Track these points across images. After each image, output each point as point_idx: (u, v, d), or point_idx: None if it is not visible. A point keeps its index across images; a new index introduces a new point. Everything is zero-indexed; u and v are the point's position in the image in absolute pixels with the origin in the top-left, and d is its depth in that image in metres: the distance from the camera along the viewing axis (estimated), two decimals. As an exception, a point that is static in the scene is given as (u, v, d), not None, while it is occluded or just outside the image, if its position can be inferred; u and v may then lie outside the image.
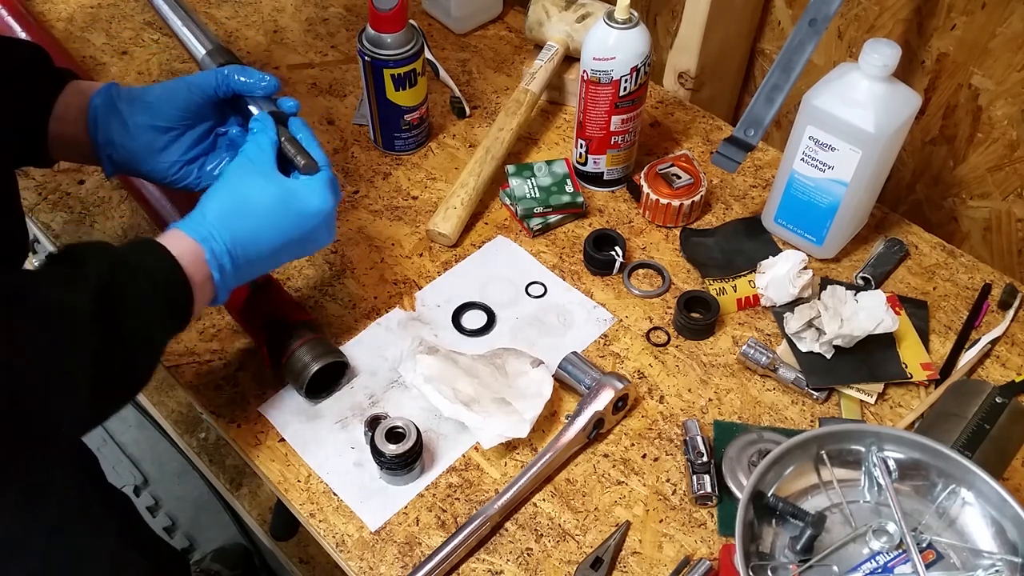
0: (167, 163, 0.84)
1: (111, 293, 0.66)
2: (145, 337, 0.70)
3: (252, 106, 0.85)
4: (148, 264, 0.71)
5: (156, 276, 0.71)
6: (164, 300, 0.71)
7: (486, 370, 0.87)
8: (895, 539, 0.73)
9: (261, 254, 0.77)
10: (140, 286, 0.69)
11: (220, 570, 1.49)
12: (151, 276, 0.70)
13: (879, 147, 0.88)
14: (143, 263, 0.71)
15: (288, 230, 0.78)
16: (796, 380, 0.89)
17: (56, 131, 0.83)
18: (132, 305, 0.68)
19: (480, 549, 0.79)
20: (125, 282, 0.68)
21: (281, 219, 0.77)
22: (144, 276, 0.70)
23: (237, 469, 1.31)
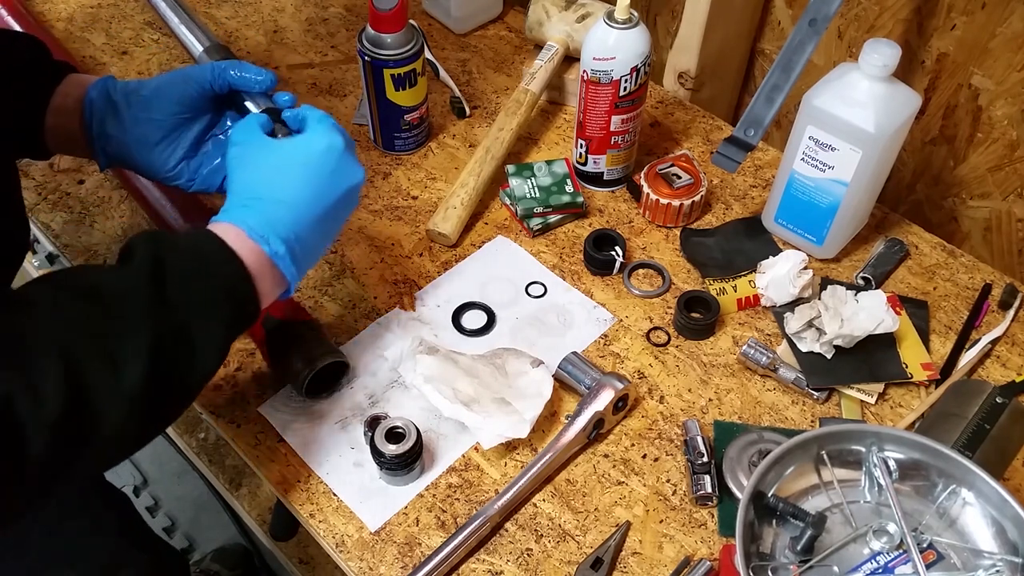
0: (162, 158, 0.83)
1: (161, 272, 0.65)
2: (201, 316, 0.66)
3: (248, 102, 0.85)
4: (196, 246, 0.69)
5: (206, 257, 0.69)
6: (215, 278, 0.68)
7: (486, 370, 0.87)
8: (895, 539, 0.73)
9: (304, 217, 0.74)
10: (188, 265, 0.67)
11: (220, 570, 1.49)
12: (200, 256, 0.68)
13: (879, 147, 0.88)
14: (191, 245, 0.69)
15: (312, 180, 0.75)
16: (796, 380, 0.89)
17: (53, 123, 0.82)
18: (184, 283, 0.66)
19: (480, 549, 0.79)
20: (174, 261, 0.66)
21: (300, 174, 0.75)
22: (192, 256, 0.68)
23: (237, 469, 1.31)
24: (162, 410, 0.66)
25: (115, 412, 0.60)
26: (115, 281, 0.64)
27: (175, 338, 0.64)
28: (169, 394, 0.65)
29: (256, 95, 0.85)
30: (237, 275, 0.69)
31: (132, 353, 0.61)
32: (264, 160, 0.75)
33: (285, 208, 0.73)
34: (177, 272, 0.66)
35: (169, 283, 0.65)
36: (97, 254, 1.01)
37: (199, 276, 0.67)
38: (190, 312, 0.65)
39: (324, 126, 0.77)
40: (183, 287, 0.65)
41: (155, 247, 0.66)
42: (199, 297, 0.66)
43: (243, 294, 0.70)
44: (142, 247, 0.66)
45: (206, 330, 0.67)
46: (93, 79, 0.84)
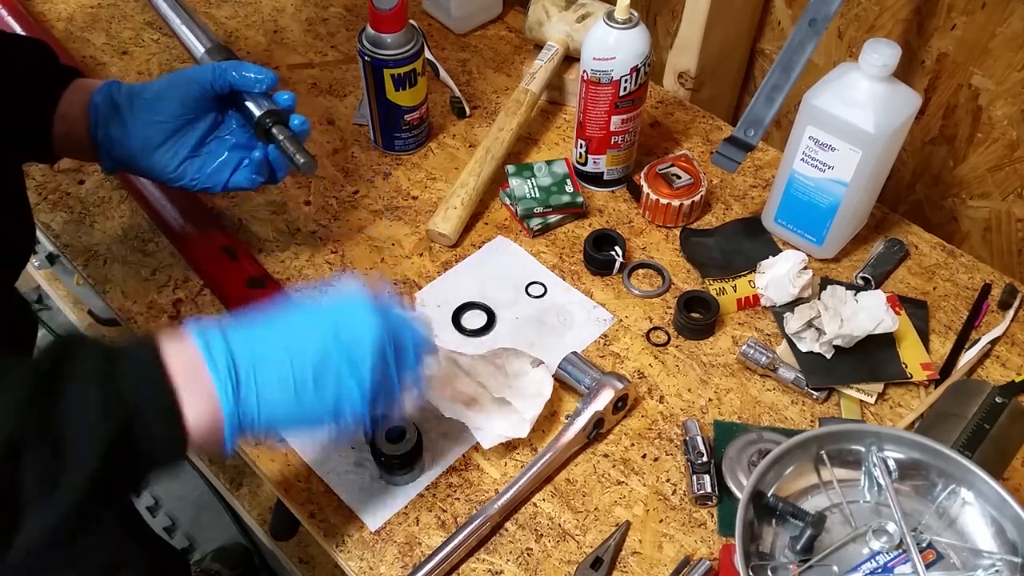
0: (165, 159, 0.84)
1: (56, 371, 0.54)
2: (83, 434, 0.53)
3: (249, 102, 0.85)
4: (122, 350, 0.57)
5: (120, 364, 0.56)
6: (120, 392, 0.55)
7: (486, 370, 0.87)
8: (895, 539, 0.73)
9: (284, 378, 0.60)
10: (92, 369, 0.55)
11: (220, 570, 1.49)
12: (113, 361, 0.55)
13: (879, 147, 0.88)
14: (118, 349, 0.57)
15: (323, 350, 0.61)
16: (796, 380, 0.89)
17: (60, 128, 0.83)
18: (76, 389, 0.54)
19: (480, 549, 0.79)
20: (78, 361, 0.55)
21: (312, 334, 0.61)
22: (101, 360, 0.55)
23: (237, 469, 1.31)
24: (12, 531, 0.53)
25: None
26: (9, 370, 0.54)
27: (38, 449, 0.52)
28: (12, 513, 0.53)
29: (257, 95, 0.85)
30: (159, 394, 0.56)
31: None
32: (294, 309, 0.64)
33: (275, 362, 0.59)
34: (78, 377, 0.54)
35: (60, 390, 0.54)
36: (97, 254, 1.02)
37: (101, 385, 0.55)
38: (73, 426, 0.53)
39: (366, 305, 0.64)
40: (76, 399, 0.54)
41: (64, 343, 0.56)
42: (93, 411, 0.54)
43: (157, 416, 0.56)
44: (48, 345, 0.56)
45: (84, 447, 0.53)
46: (99, 83, 0.84)
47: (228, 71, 0.82)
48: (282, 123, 0.84)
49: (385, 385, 0.64)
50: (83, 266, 1.01)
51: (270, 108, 0.84)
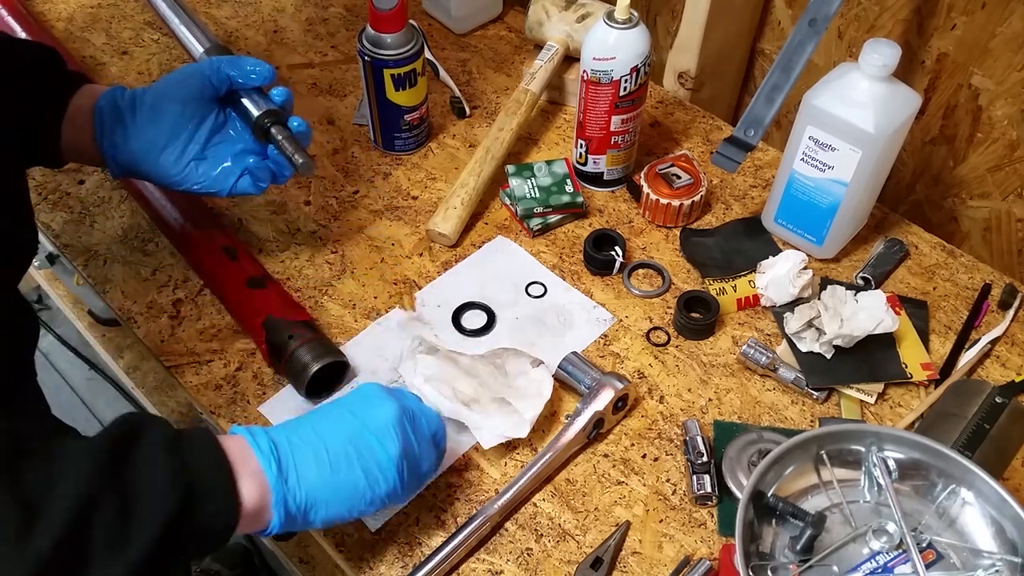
0: (169, 162, 0.84)
1: (121, 442, 0.58)
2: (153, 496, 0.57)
3: (247, 101, 0.85)
4: (183, 429, 0.63)
5: (183, 436, 0.62)
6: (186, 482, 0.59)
7: (486, 370, 0.87)
8: (895, 539, 0.73)
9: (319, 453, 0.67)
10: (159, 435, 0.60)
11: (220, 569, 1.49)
12: (178, 436, 0.61)
13: (879, 147, 0.88)
14: (183, 435, 0.62)
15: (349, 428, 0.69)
16: (796, 380, 0.89)
17: (67, 133, 0.84)
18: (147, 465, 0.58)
19: (480, 549, 0.79)
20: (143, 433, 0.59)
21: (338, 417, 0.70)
22: (167, 432, 0.61)
23: (237, 469, 1.31)
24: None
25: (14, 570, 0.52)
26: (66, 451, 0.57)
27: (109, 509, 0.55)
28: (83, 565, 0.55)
29: (254, 94, 0.85)
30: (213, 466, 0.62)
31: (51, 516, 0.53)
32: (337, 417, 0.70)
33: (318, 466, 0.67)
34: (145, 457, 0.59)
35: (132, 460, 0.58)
36: (97, 254, 1.02)
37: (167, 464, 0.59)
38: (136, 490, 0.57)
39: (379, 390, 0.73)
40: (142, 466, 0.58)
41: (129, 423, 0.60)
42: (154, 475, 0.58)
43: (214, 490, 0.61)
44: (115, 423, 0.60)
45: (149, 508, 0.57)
46: (105, 89, 0.85)
47: (225, 64, 0.82)
48: (280, 123, 0.84)
49: (409, 452, 0.71)
50: (83, 266, 1.01)
51: (268, 108, 0.84)
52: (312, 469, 0.66)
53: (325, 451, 0.67)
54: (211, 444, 0.63)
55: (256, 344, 0.91)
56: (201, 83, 0.83)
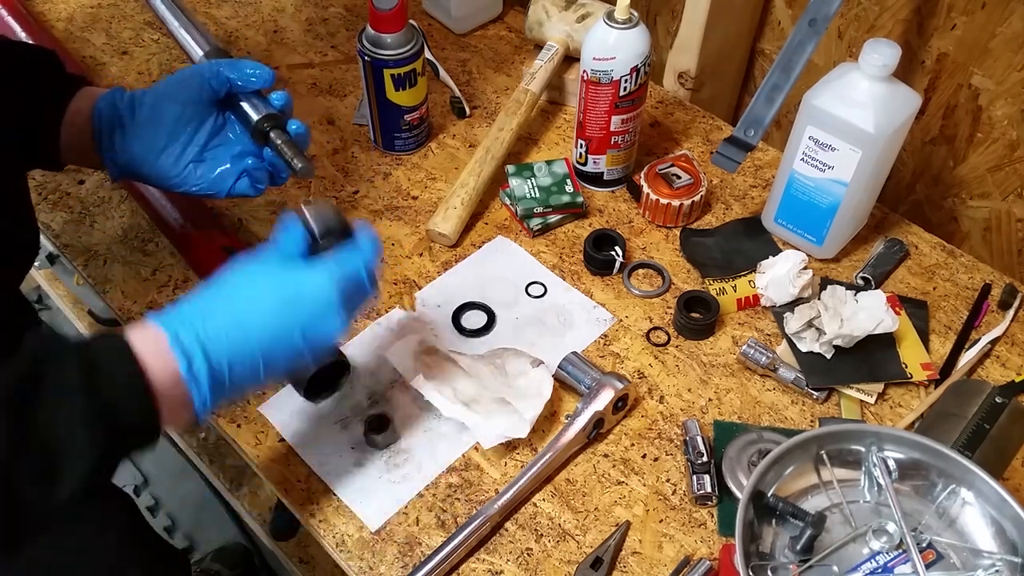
0: (168, 164, 0.84)
1: (31, 377, 0.56)
2: (71, 435, 0.57)
3: (246, 105, 0.85)
4: (92, 348, 0.60)
5: (97, 361, 0.59)
6: (103, 391, 0.58)
7: (486, 370, 0.87)
8: (895, 539, 0.73)
9: (250, 350, 0.64)
10: (69, 371, 0.58)
11: (220, 570, 1.49)
12: (89, 361, 0.59)
13: (879, 147, 0.88)
14: (87, 346, 0.60)
15: (281, 317, 0.65)
16: (796, 380, 0.89)
17: (66, 135, 0.84)
18: (54, 392, 0.57)
19: (480, 549, 0.79)
20: (53, 366, 0.57)
21: (272, 305, 0.65)
22: (79, 360, 0.58)
23: (237, 469, 1.31)
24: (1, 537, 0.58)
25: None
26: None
27: (28, 463, 0.56)
28: (11, 522, 0.58)
29: (253, 97, 0.85)
30: (133, 396, 0.60)
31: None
32: (247, 275, 0.68)
33: (234, 332, 0.64)
34: (52, 387, 0.57)
35: (38, 399, 0.56)
36: (97, 254, 1.02)
37: (79, 394, 0.58)
38: (55, 435, 0.57)
39: (331, 266, 0.68)
40: (53, 406, 0.57)
41: (36, 350, 0.58)
42: (72, 419, 0.57)
43: (135, 417, 0.60)
44: (24, 348, 0.58)
45: (73, 455, 0.57)
46: (104, 91, 0.85)
47: (224, 67, 0.82)
48: (279, 127, 0.84)
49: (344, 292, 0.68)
50: (83, 266, 1.01)
51: (268, 112, 0.84)
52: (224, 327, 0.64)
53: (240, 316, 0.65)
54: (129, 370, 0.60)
55: (256, 344, 0.91)
56: (200, 86, 0.83)
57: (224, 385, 0.64)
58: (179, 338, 0.62)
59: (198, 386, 0.62)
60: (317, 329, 0.67)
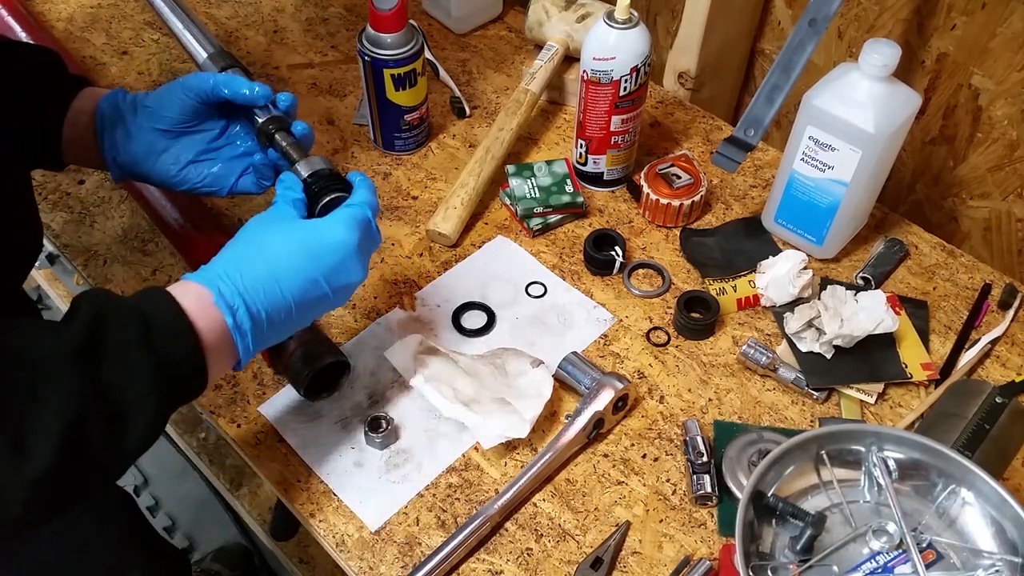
0: (167, 164, 0.84)
1: (97, 339, 0.59)
2: (135, 391, 0.60)
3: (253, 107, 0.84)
4: (144, 307, 0.63)
5: (152, 320, 0.62)
6: (160, 348, 0.62)
7: (486, 370, 0.87)
8: (895, 539, 0.73)
9: (284, 299, 0.69)
10: (129, 331, 0.61)
11: (220, 570, 1.49)
12: (145, 320, 0.62)
13: (879, 147, 0.88)
14: (139, 306, 0.63)
15: (308, 268, 0.70)
16: (796, 380, 0.89)
17: (68, 136, 0.84)
18: (118, 352, 0.60)
19: (480, 549, 0.79)
20: (113, 326, 0.60)
21: (300, 258, 0.70)
22: (137, 321, 0.61)
23: (237, 469, 1.31)
24: (75, 490, 0.60)
25: (14, 498, 0.56)
26: (42, 349, 0.58)
27: (100, 419, 0.59)
28: (84, 475, 0.60)
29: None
30: (187, 352, 0.63)
31: (43, 436, 0.56)
32: (275, 235, 0.71)
33: (269, 284, 0.68)
34: (115, 344, 0.60)
35: (103, 357, 0.59)
36: (97, 254, 1.02)
37: (140, 351, 0.61)
38: (122, 392, 0.60)
39: (346, 217, 0.73)
40: (117, 363, 0.60)
41: (95, 311, 0.60)
42: (136, 376, 0.60)
43: (189, 371, 0.64)
44: (83, 310, 0.60)
45: (138, 410, 0.61)
46: (106, 92, 0.85)
47: (221, 86, 0.82)
48: (284, 129, 0.84)
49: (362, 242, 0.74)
50: (83, 266, 1.01)
51: (273, 115, 0.83)
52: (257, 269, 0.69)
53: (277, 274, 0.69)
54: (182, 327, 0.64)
55: (256, 344, 0.91)
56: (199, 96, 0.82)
57: (263, 333, 0.69)
58: (222, 293, 0.66)
59: (242, 336, 0.67)
60: (340, 276, 0.72)
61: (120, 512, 1.05)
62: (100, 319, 0.60)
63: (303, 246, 0.70)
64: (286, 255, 0.70)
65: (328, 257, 0.71)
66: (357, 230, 0.73)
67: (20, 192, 0.84)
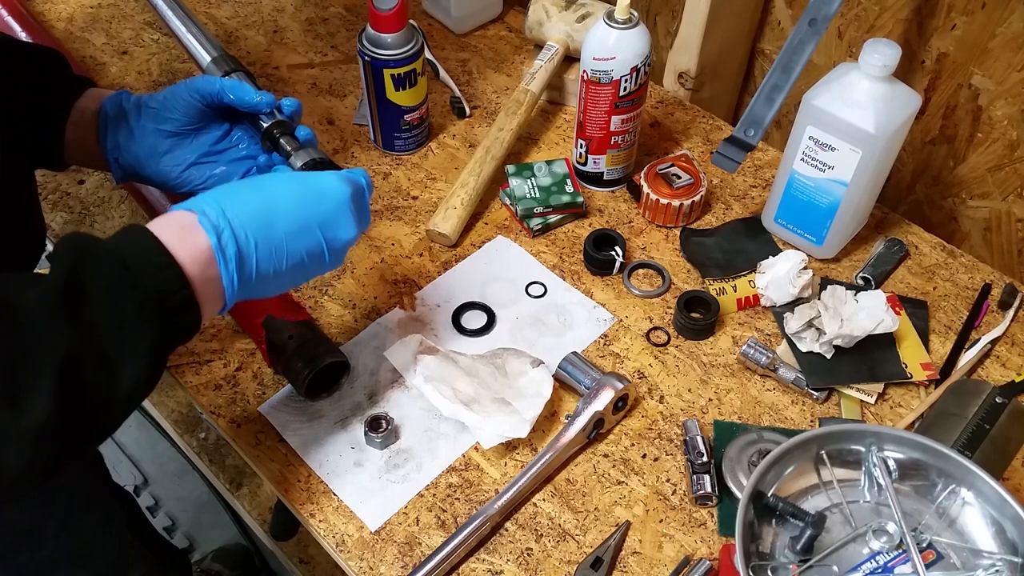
0: (169, 166, 0.84)
1: (77, 283, 0.58)
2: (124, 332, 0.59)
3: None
4: (121, 245, 0.61)
5: (130, 257, 0.60)
6: (141, 284, 0.60)
7: (486, 370, 0.87)
8: (895, 539, 0.73)
9: (275, 234, 0.67)
10: (107, 271, 0.59)
11: (220, 570, 1.49)
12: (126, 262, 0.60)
13: (879, 147, 0.88)
14: (117, 246, 0.61)
15: (302, 209, 0.68)
16: (796, 380, 0.89)
17: (71, 136, 0.85)
18: (100, 294, 0.58)
19: (480, 549, 0.79)
20: (91, 269, 0.59)
21: (294, 199, 0.68)
22: (114, 259, 0.60)
23: (237, 469, 1.31)
24: (77, 440, 0.59)
25: (15, 453, 0.55)
26: (23, 298, 0.57)
27: (90, 363, 0.57)
28: (84, 423, 0.59)
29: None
30: (170, 283, 0.61)
31: (35, 386, 0.55)
32: (272, 177, 0.72)
33: (261, 214, 0.66)
34: (96, 286, 0.58)
35: (86, 300, 0.58)
36: (97, 254, 1.02)
37: (121, 289, 0.59)
38: (109, 332, 0.58)
39: (340, 173, 0.73)
40: (101, 305, 0.58)
41: (74, 256, 0.59)
42: (120, 315, 0.59)
43: (176, 304, 0.62)
44: (63, 253, 0.59)
45: (129, 351, 0.59)
46: (110, 93, 0.85)
47: (227, 91, 0.82)
48: (288, 134, 0.84)
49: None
50: (83, 266, 1.01)
51: (278, 119, 0.83)
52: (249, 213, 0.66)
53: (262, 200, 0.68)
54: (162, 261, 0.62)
55: (256, 344, 0.91)
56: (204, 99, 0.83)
57: (252, 266, 0.66)
58: (206, 214, 0.64)
59: (226, 262, 0.64)
60: (334, 226, 0.70)
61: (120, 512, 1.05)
62: (78, 262, 0.59)
63: (299, 188, 0.70)
64: (282, 190, 0.69)
65: (324, 202, 0.70)
66: (350, 185, 0.72)
67: (21, 191, 0.84)
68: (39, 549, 0.89)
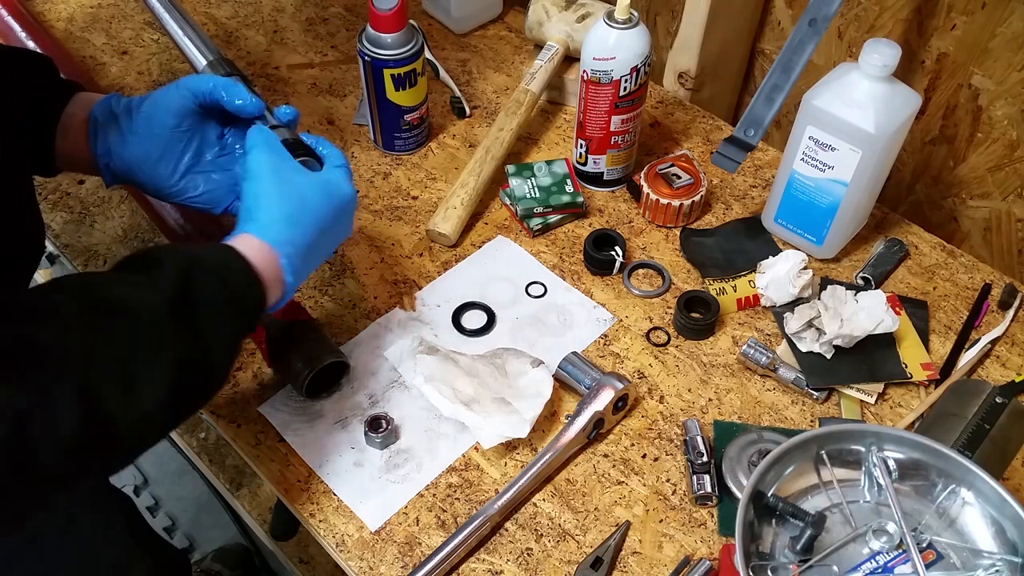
0: (164, 173, 0.82)
1: (189, 294, 0.66)
2: (222, 339, 0.69)
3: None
4: (224, 266, 0.70)
5: (231, 279, 0.70)
6: (238, 302, 0.70)
7: (486, 370, 0.87)
8: (895, 539, 0.73)
9: (311, 247, 0.77)
10: (215, 287, 0.68)
11: (220, 570, 1.49)
12: (226, 279, 0.70)
13: (879, 147, 0.88)
14: (219, 265, 0.70)
15: (329, 219, 0.78)
16: (796, 380, 0.89)
17: (60, 142, 0.83)
18: (209, 306, 0.67)
19: (480, 549, 0.79)
20: (202, 283, 0.67)
21: (325, 211, 0.78)
22: (219, 278, 0.69)
23: (237, 469, 1.31)
24: (173, 423, 0.68)
25: (130, 434, 0.62)
26: (141, 301, 0.64)
27: (197, 361, 0.66)
28: (183, 410, 0.68)
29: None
30: (258, 297, 0.72)
31: (152, 379, 0.62)
32: (310, 188, 0.77)
33: (302, 233, 0.76)
34: (206, 297, 0.67)
35: (197, 308, 0.66)
36: (97, 254, 1.02)
37: (226, 301, 0.69)
38: (214, 336, 0.67)
39: (346, 174, 0.81)
40: (210, 313, 0.67)
41: (184, 266, 0.67)
42: (225, 321, 0.68)
43: (258, 311, 0.73)
44: (170, 264, 0.67)
45: (224, 350, 0.69)
46: (99, 97, 0.84)
47: (218, 91, 0.81)
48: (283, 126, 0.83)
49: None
50: (83, 266, 1.01)
51: (273, 124, 0.83)
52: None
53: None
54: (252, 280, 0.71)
55: (256, 344, 0.91)
56: (196, 99, 0.81)
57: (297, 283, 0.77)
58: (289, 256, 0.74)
59: (287, 293, 0.75)
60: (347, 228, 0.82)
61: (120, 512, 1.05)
62: (187, 275, 0.66)
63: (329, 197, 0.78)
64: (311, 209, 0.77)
65: (341, 210, 0.79)
66: (351, 183, 0.81)
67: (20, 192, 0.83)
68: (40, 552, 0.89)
